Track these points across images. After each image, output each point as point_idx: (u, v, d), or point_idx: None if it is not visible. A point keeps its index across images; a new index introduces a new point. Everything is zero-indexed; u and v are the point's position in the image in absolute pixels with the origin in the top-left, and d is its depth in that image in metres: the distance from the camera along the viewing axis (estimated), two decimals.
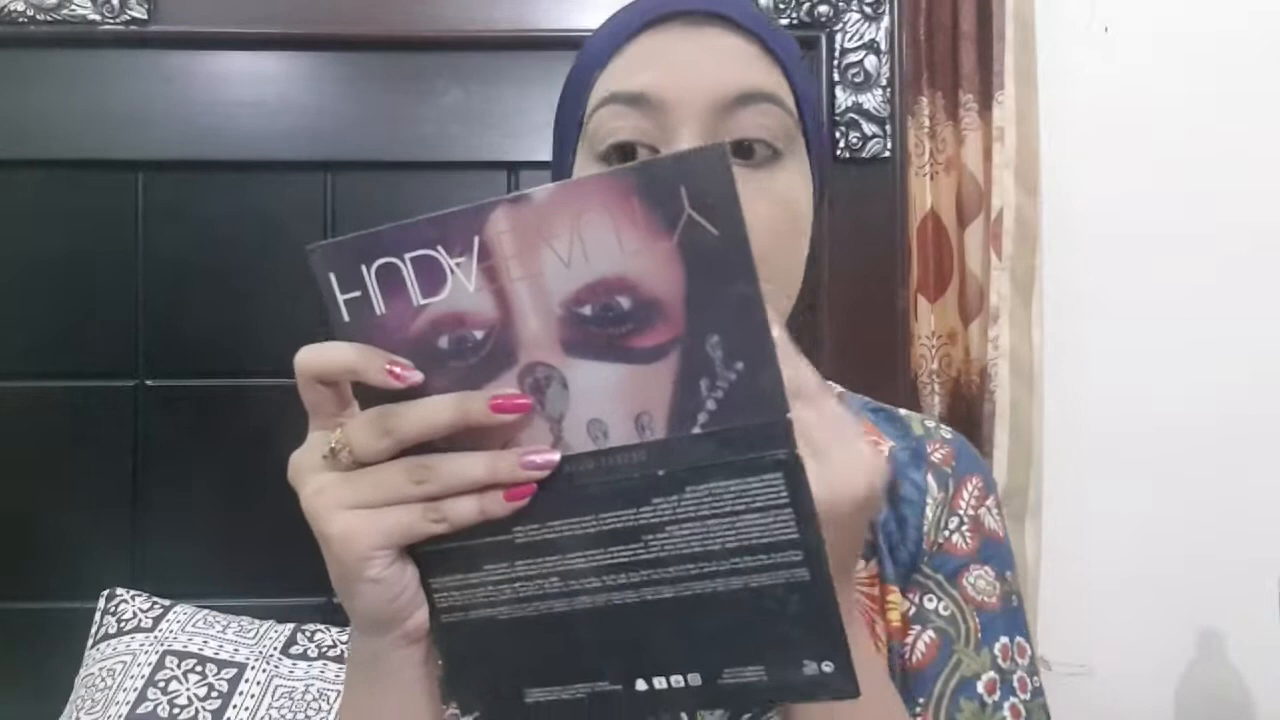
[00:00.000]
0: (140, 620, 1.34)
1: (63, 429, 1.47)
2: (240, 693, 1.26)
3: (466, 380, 0.46)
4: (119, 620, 1.34)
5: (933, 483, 0.67)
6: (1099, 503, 1.58)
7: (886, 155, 1.49)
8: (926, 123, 1.52)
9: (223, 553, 1.44)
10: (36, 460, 1.47)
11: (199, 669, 1.28)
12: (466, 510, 0.45)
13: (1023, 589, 1.46)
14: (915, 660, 0.62)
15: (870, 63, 1.49)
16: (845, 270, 1.46)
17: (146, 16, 1.45)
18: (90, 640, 1.35)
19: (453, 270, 0.45)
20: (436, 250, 0.45)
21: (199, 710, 1.24)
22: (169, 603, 1.37)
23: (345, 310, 0.46)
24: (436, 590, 0.49)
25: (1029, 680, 0.64)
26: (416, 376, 0.45)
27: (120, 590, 1.38)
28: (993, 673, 0.62)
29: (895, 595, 0.64)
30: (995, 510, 0.68)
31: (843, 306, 1.48)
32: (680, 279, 0.43)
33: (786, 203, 0.59)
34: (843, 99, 1.49)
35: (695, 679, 0.47)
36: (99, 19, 1.44)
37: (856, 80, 1.49)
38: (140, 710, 1.23)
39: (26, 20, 1.44)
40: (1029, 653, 0.65)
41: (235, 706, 1.25)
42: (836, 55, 1.49)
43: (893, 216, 1.50)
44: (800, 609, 0.45)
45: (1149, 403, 1.58)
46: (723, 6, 0.60)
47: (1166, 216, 1.58)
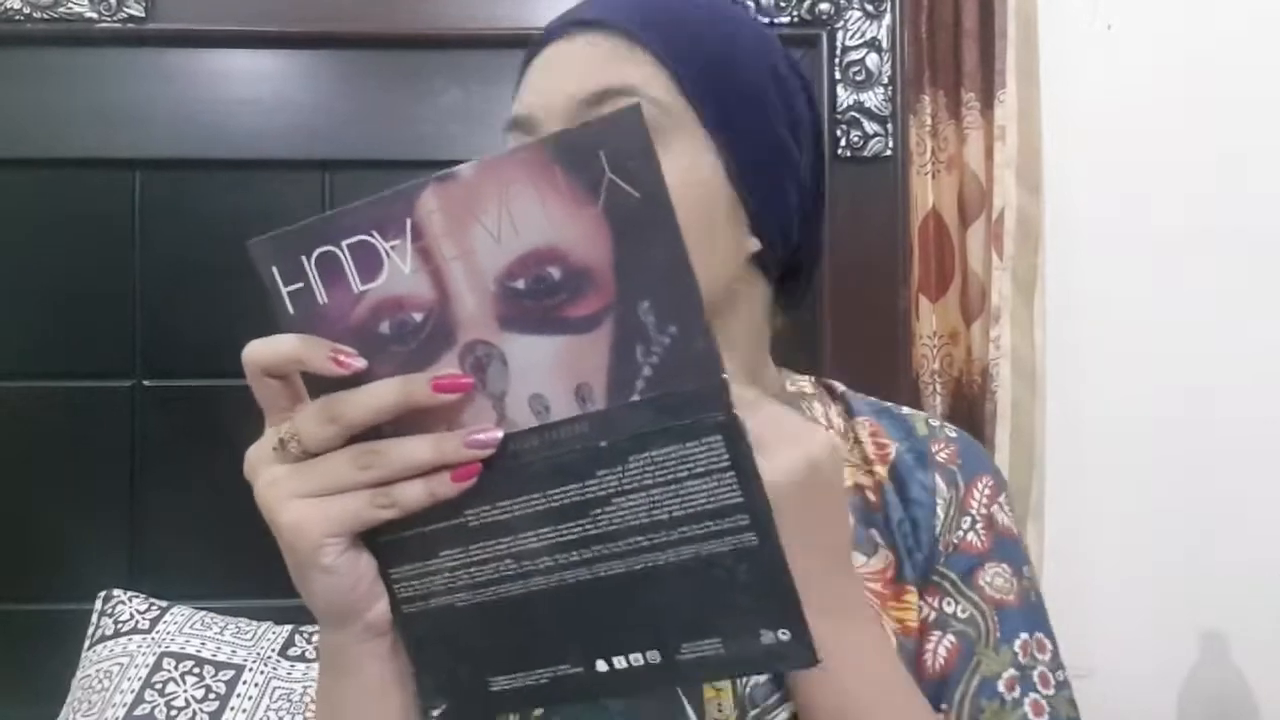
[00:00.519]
0: (137, 622, 1.33)
1: (59, 429, 1.46)
2: (238, 695, 1.26)
3: (409, 364, 0.46)
4: (116, 622, 1.34)
5: (941, 483, 0.67)
6: (1101, 503, 1.57)
7: (888, 154, 1.48)
8: (928, 121, 1.51)
9: (220, 554, 1.43)
10: (33, 460, 1.46)
11: (196, 671, 1.27)
12: (415, 494, 0.46)
13: None
14: (938, 667, 0.62)
15: (872, 61, 1.48)
16: (846, 269, 1.46)
17: (144, 14, 1.44)
18: (87, 642, 1.35)
19: (388, 254, 0.45)
20: (371, 235, 0.45)
21: (196, 712, 1.23)
22: (166, 604, 1.37)
23: (289, 302, 0.47)
24: (396, 580, 0.49)
25: (1051, 675, 0.63)
26: (360, 363, 0.46)
27: (117, 592, 1.38)
28: (1013, 670, 0.62)
29: (912, 595, 0.64)
30: (1007, 507, 0.68)
31: (844, 306, 1.47)
32: (608, 245, 0.43)
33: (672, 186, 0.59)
34: (844, 97, 1.48)
35: (655, 656, 0.47)
36: (96, 17, 1.44)
37: (858, 78, 1.48)
38: (137, 712, 1.22)
39: (23, 18, 1.43)
40: (1050, 648, 0.64)
41: (233, 709, 1.24)
42: (838, 53, 1.49)
43: (894, 216, 1.49)
44: (751, 576, 0.45)
45: (1151, 403, 1.57)
46: (591, 12, 0.62)
47: (1168, 216, 1.57)
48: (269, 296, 0.47)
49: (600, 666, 0.48)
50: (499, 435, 0.45)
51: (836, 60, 1.49)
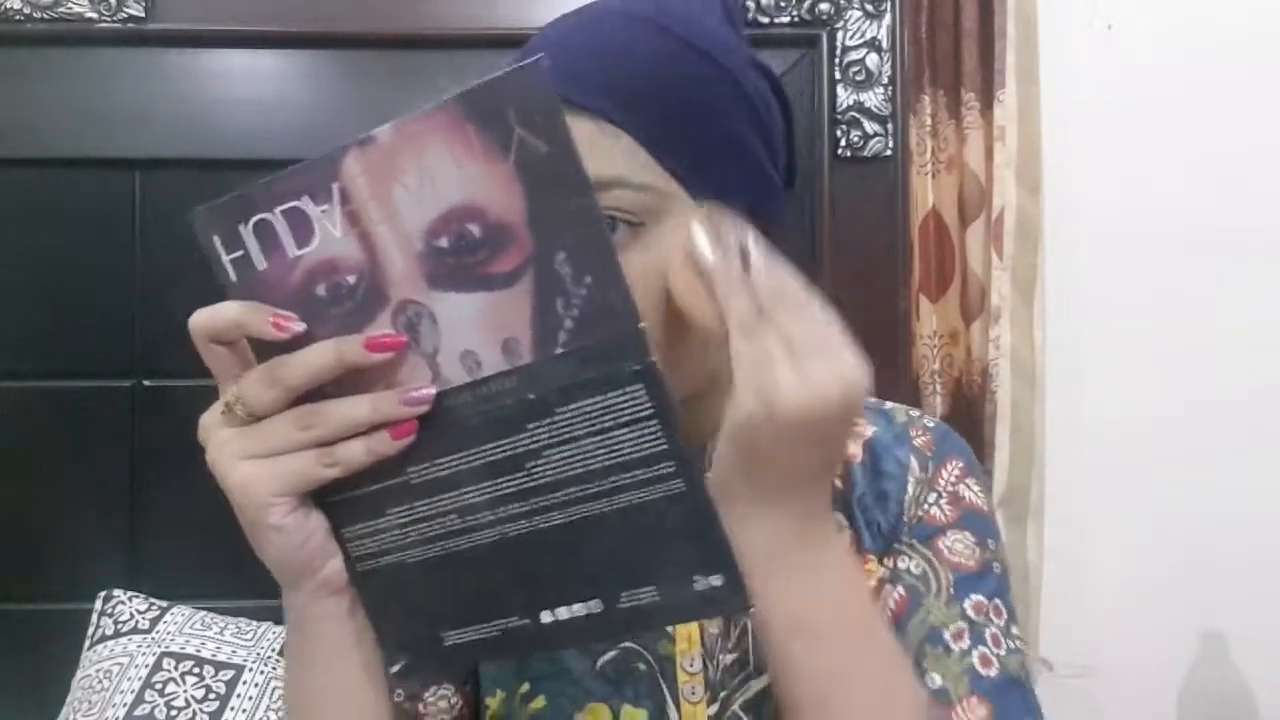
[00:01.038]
0: (138, 622, 1.33)
1: (59, 429, 1.46)
2: (238, 695, 1.26)
3: (346, 326, 0.47)
4: (116, 622, 1.34)
5: (915, 463, 0.68)
6: (1101, 503, 1.57)
7: (888, 154, 1.48)
8: (928, 121, 1.51)
9: (220, 554, 1.41)
10: (32, 461, 1.46)
11: (196, 671, 1.27)
12: (356, 452, 0.47)
13: (1024, 590, 1.48)
14: (886, 619, 0.62)
15: (871, 61, 1.48)
16: (846, 269, 1.46)
17: (144, 14, 1.44)
18: (87, 642, 1.34)
19: (319, 219, 0.46)
20: (302, 201, 0.46)
21: (196, 712, 1.23)
22: (166, 604, 1.37)
23: (231, 270, 0.49)
24: (349, 540, 0.51)
25: (1004, 639, 0.62)
26: (299, 327, 0.47)
27: (117, 592, 1.38)
28: (962, 623, 0.62)
29: (872, 564, 0.65)
30: (977, 488, 0.68)
31: (844, 306, 1.46)
32: (522, 200, 0.44)
33: (672, 262, 0.56)
34: (844, 97, 1.48)
35: (596, 605, 0.48)
36: (96, 17, 1.43)
37: (858, 78, 1.48)
38: (137, 712, 1.22)
39: (23, 18, 1.43)
40: (1005, 615, 0.63)
41: (233, 709, 1.24)
42: (838, 53, 1.48)
43: (894, 216, 1.49)
44: (680, 521, 0.46)
45: (1151, 403, 1.57)
46: (570, 92, 0.55)
47: (1169, 216, 1.57)
48: (212, 265, 0.49)
49: (545, 618, 0.49)
50: (433, 392, 0.47)
51: (836, 60, 1.48)
